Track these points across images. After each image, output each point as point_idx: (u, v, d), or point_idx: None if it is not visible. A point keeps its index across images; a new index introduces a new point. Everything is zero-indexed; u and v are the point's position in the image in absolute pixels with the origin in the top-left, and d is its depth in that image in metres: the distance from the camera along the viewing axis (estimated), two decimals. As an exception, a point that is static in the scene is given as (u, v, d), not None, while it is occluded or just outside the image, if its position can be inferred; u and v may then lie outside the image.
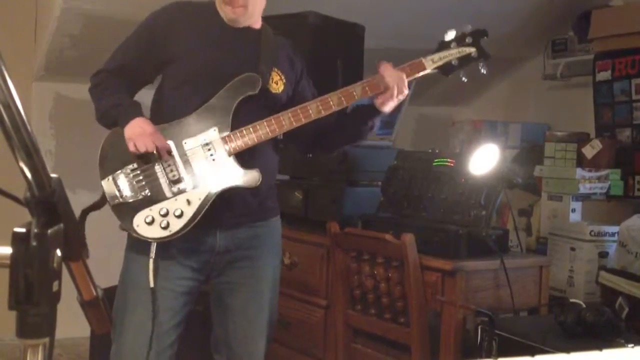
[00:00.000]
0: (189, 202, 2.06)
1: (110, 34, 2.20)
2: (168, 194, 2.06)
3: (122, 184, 2.06)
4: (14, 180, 0.88)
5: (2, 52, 0.75)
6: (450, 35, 2.25)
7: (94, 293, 0.96)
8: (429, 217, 2.80)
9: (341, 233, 2.87)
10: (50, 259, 0.78)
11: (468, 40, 2.24)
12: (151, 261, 2.07)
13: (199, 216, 2.05)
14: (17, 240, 0.77)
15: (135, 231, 2.04)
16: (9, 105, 0.75)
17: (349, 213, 3.04)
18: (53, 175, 0.81)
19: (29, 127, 0.77)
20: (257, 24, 2.22)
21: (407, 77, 2.18)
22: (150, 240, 2.05)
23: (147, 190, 2.06)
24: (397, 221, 2.85)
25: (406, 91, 2.17)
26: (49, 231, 0.78)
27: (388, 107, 2.19)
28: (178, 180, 2.07)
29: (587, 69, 3.88)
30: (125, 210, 2.05)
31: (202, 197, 2.07)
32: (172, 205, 2.05)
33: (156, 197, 2.06)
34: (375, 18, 3.63)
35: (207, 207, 2.06)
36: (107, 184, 2.07)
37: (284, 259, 3.22)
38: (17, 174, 0.78)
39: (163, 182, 2.07)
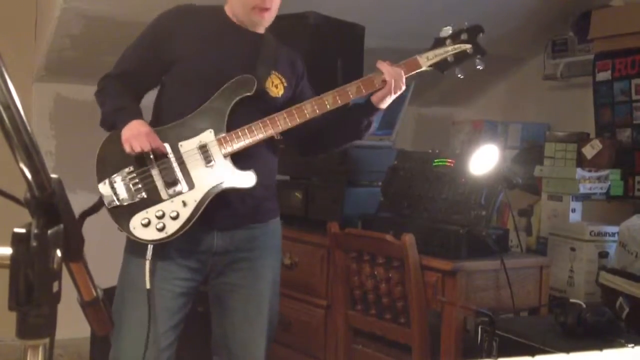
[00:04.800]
0: (184, 203, 2.06)
1: (110, 34, 2.20)
2: (164, 196, 2.07)
3: (118, 187, 2.07)
4: (14, 181, 0.88)
5: (2, 53, 0.75)
6: (446, 31, 2.23)
7: (94, 293, 0.96)
8: (429, 217, 2.80)
9: (341, 233, 2.87)
10: (50, 259, 0.78)
11: (464, 36, 2.23)
12: (147, 263, 2.08)
13: (195, 217, 2.06)
14: (17, 241, 0.76)
15: (131, 233, 2.05)
16: (9, 106, 0.75)
17: (349, 213, 3.04)
18: (53, 175, 0.81)
19: (29, 128, 0.76)
20: (261, 29, 2.23)
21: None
22: (146, 242, 2.06)
23: (143, 193, 2.07)
24: (397, 221, 2.84)
25: (403, 87, 2.18)
26: (49, 232, 0.78)
27: (385, 103, 2.20)
28: (174, 182, 2.08)
29: (587, 69, 3.88)
30: (122, 213, 2.06)
31: (198, 199, 2.07)
32: (168, 207, 2.06)
33: (152, 199, 2.07)
34: (375, 18, 3.62)
35: (202, 208, 2.06)
36: (104, 188, 2.07)
37: (284, 259, 3.22)
38: (17, 174, 0.78)
39: (159, 184, 2.08)
